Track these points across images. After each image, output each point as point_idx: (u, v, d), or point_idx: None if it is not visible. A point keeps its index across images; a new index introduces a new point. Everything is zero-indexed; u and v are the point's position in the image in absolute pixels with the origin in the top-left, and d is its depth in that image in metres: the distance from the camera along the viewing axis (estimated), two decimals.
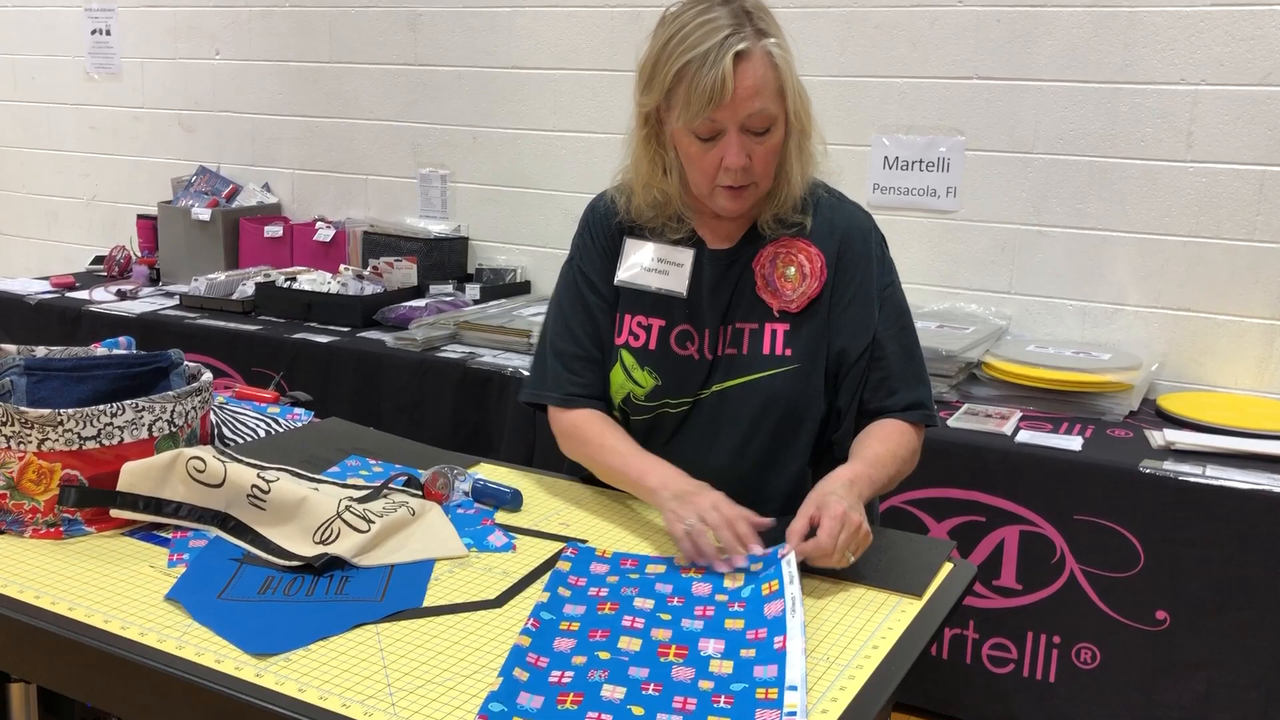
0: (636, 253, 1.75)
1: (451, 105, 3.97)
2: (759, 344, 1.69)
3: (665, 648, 1.25)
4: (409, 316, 3.48)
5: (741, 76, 1.52)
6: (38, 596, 1.37)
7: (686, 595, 1.38)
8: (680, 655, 1.23)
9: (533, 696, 1.16)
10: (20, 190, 5.11)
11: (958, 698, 2.74)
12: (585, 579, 1.44)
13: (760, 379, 1.68)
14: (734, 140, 1.57)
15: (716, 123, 1.56)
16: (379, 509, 1.53)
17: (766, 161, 1.61)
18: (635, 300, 1.75)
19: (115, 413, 1.52)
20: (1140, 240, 3.02)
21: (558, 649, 1.26)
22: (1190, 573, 2.45)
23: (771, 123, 1.58)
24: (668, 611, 1.34)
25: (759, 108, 1.55)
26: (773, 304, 1.69)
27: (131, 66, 4.66)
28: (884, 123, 3.28)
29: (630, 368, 1.74)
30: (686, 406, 1.72)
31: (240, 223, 4.17)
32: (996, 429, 2.66)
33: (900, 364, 1.72)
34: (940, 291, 3.28)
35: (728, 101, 1.53)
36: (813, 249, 1.69)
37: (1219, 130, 2.89)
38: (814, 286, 1.68)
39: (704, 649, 1.25)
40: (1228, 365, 2.98)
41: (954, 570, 1.50)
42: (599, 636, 1.28)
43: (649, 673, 1.20)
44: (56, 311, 3.84)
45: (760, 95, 1.54)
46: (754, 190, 1.64)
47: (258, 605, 1.32)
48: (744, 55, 1.52)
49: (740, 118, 1.56)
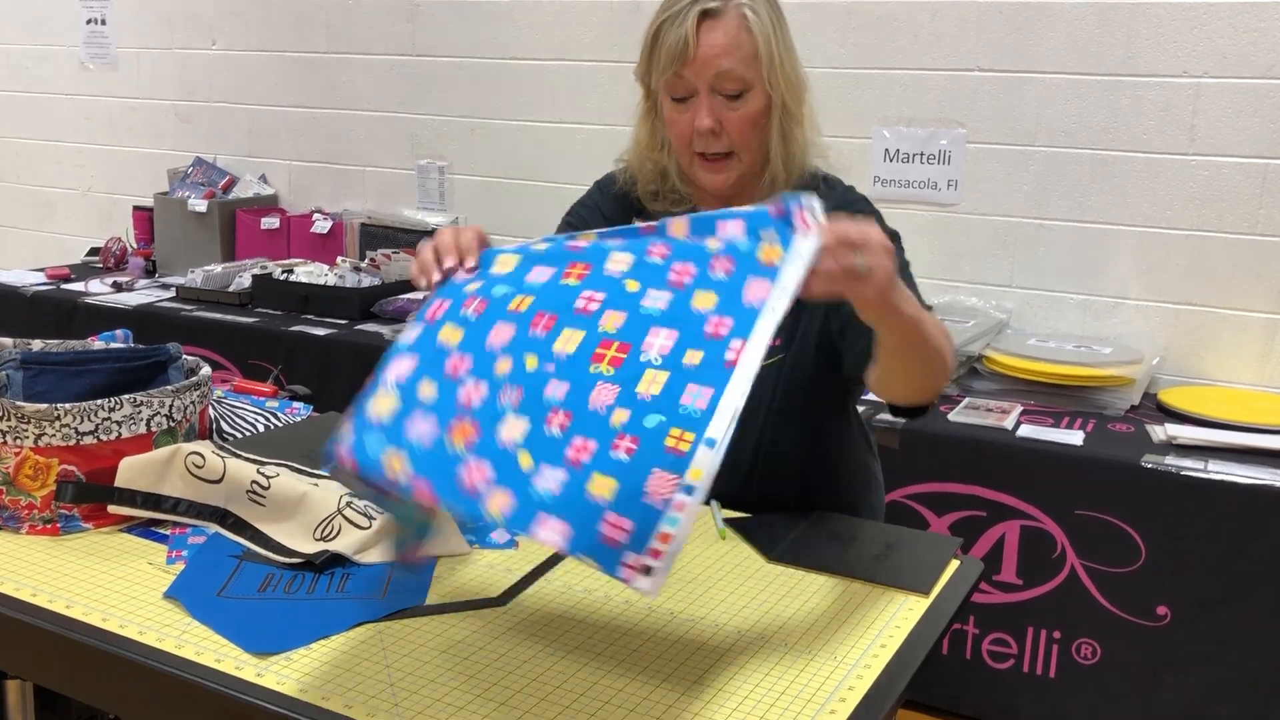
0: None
1: (449, 96, 3.95)
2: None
3: (606, 345, 1.08)
4: (407, 309, 3.47)
5: (706, 33, 1.52)
6: (34, 594, 1.36)
7: (674, 245, 1.17)
8: (615, 362, 1.06)
9: (425, 417, 1.03)
10: (15, 181, 5.08)
11: (958, 693, 2.73)
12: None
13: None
14: (703, 101, 1.56)
15: (686, 81, 1.55)
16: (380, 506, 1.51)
17: (741, 129, 1.58)
18: None
19: (113, 407, 1.50)
20: (1142, 234, 3.01)
21: (489, 344, 1.10)
22: (1192, 568, 2.45)
23: (744, 87, 1.55)
24: (639, 278, 1.14)
25: (726, 68, 1.53)
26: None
27: (127, 57, 4.63)
28: (885, 115, 3.26)
29: None
30: None
31: (237, 214, 4.15)
32: (997, 423, 2.65)
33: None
34: (941, 285, 3.27)
35: (692, 59, 1.52)
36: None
37: (1222, 123, 2.88)
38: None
39: (646, 350, 1.06)
40: (1230, 359, 2.97)
41: (961, 567, 1.49)
42: (539, 329, 1.10)
43: (566, 392, 1.04)
44: (52, 303, 3.82)
45: (728, 56, 1.52)
46: (734, 162, 1.61)
47: (258, 603, 1.31)
48: (713, 14, 1.52)
49: (708, 77, 1.54)
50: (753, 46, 1.53)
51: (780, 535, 1.56)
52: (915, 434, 2.66)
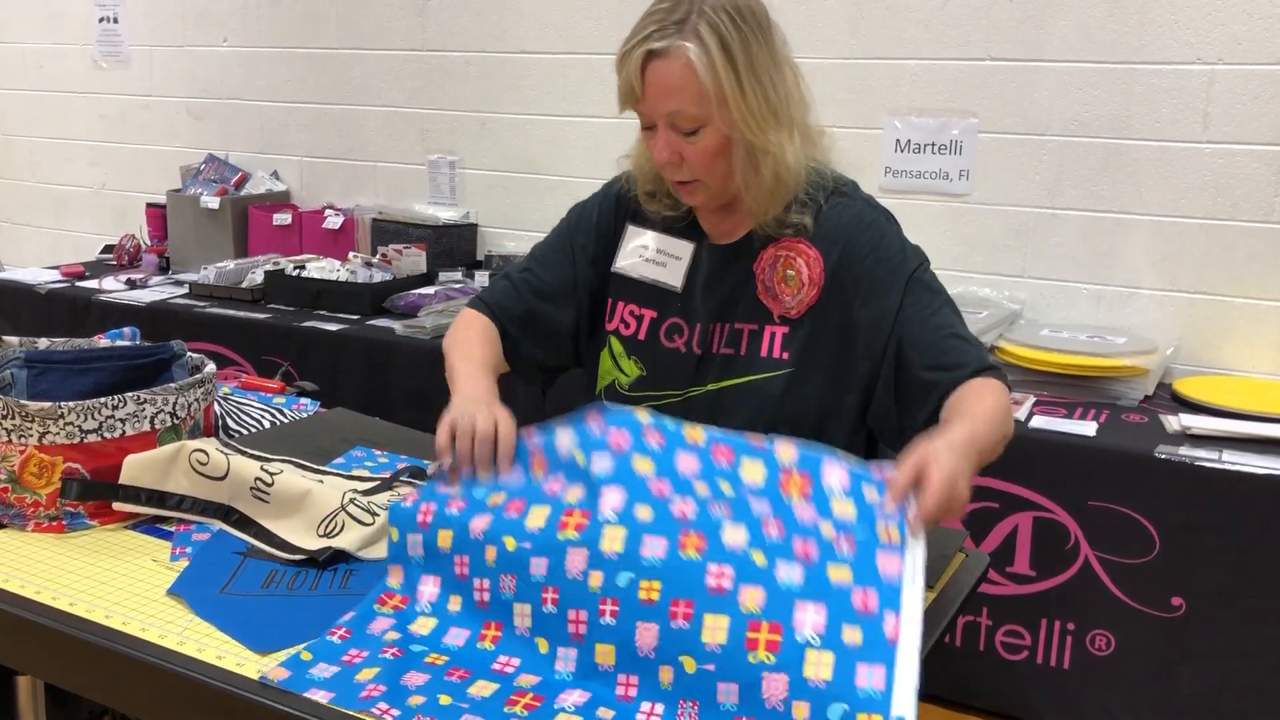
0: (636, 240, 1.73)
1: (460, 91, 3.95)
2: (757, 346, 1.64)
3: (756, 627, 1.09)
4: (418, 304, 3.47)
5: (652, 74, 1.50)
6: (39, 591, 1.36)
7: (788, 521, 1.19)
8: (772, 646, 1.07)
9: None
10: (30, 179, 5.11)
11: (970, 685, 2.72)
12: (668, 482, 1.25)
13: (755, 381, 1.63)
14: (661, 134, 1.55)
15: (644, 114, 1.56)
16: (383, 501, 1.51)
17: (700, 161, 1.55)
18: (630, 289, 1.73)
19: (116, 405, 1.51)
20: (1156, 222, 2.98)
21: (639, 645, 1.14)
22: (1207, 559, 2.43)
23: (698, 124, 1.52)
24: (763, 550, 1.16)
25: (674, 109, 1.51)
26: (773, 309, 1.64)
27: (140, 54, 4.64)
28: (895, 105, 3.24)
29: (618, 355, 1.72)
30: (675, 401, 1.68)
31: (249, 210, 4.16)
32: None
33: (953, 339, 1.58)
34: (953, 275, 3.24)
35: (641, 99, 1.52)
36: (813, 252, 1.61)
37: (1236, 110, 2.85)
38: (813, 294, 1.61)
39: (800, 629, 1.07)
40: (1245, 349, 2.94)
41: (967, 560, 1.48)
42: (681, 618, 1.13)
43: (737, 693, 1.07)
44: (66, 301, 3.83)
45: (675, 97, 1.50)
46: (701, 187, 1.60)
47: (261, 600, 1.31)
48: (658, 54, 1.49)
49: (660, 115, 1.53)
50: (700, 87, 1.49)
51: None
52: None
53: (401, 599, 1.32)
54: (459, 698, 1.15)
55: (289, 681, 1.17)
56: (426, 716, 1.11)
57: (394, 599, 1.32)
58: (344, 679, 1.18)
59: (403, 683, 1.17)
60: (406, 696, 1.15)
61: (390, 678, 1.18)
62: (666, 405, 1.68)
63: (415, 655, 1.23)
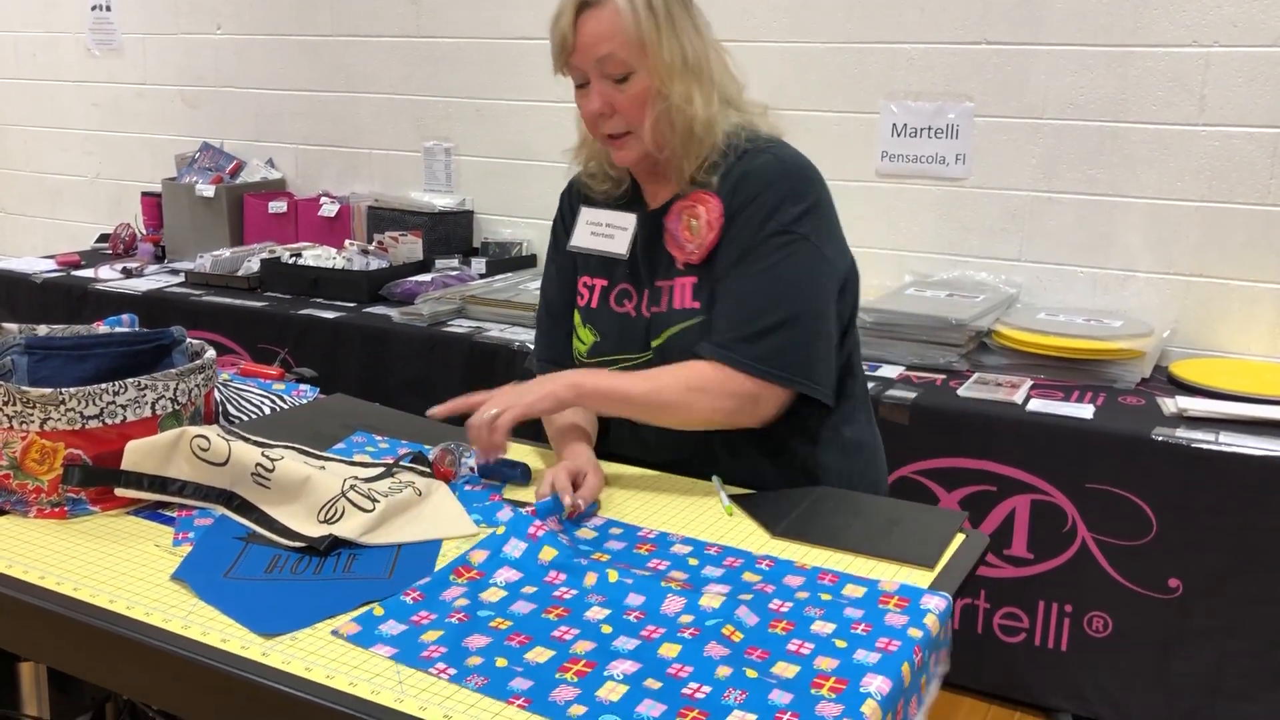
0: (585, 217, 1.83)
1: (454, 77, 3.94)
2: (673, 298, 1.72)
3: (823, 679, 1.14)
4: (415, 291, 3.46)
5: (584, 24, 1.62)
6: (42, 577, 1.36)
7: (877, 624, 1.25)
8: (836, 691, 1.12)
9: (655, 704, 1.09)
10: (24, 169, 5.09)
11: (969, 667, 2.73)
12: (774, 586, 1.35)
13: (675, 333, 1.70)
14: (593, 87, 1.66)
15: (577, 69, 1.65)
16: (384, 488, 1.52)
17: (630, 109, 1.65)
18: (584, 262, 1.83)
19: (117, 391, 1.51)
20: (1152, 205, 2.99)
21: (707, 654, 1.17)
22: (1203, 540, 2.44)
23: (627, 70, 1.63)
24: (846, 639, 1.22)
25: (605, 53, 1.62)
26: (677, 256, 1.71)
27: (132, 42, 4.63)
28: (892, 89, 3.24)
29: (577, 325, 1.83)
30: (627, 365, 1.75)
31: (244, 199, 4.16)
32: (1007, 398, 2.64)
33: (735, 306, 1.64)
34: (950, 260, 3.25)
35: (573, 49, 1.64)
36: (713, 199, 1.67)
37: (1232, 93, 2.85)
38: (711, 237, 1.67)
39: (866, 686, 1.12)
40: (1241, 331, 2.95)
41: (966, 541, 1.48)
42: (756, 655, 1.18)
43: (792, 699, 1.10)
44: (62, 290, 3.83)
45: (605, 42, 1.62)
46: (634, 140, 1.68)
47: (264, 584, 1.31)
48: (590, 4, 1.61)
49: (591, 64, 1.64)
50: (627, 32, 1.61)
51: (785, 511, 1.55)
52: (924, 410, 2.65)
53: (478, 573, 1.35)
54: (514, 661, 1.17)
55: (357, 636, 1.21)
56: (481, 677, 1.14)
57: (470, 572, 1.36)
58: (409, 638, 1.21)
59: (464, 644, 1.20)
60: (465, 657, 1.17)
61: (453, 640, 1.21)
62: (624, 368, 1.74)
63: (480, 620, 1.25)
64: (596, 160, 1.83)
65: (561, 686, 1.13)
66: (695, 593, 1.30)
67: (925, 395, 2.69)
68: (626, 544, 1.47)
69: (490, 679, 1.14)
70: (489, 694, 1.12)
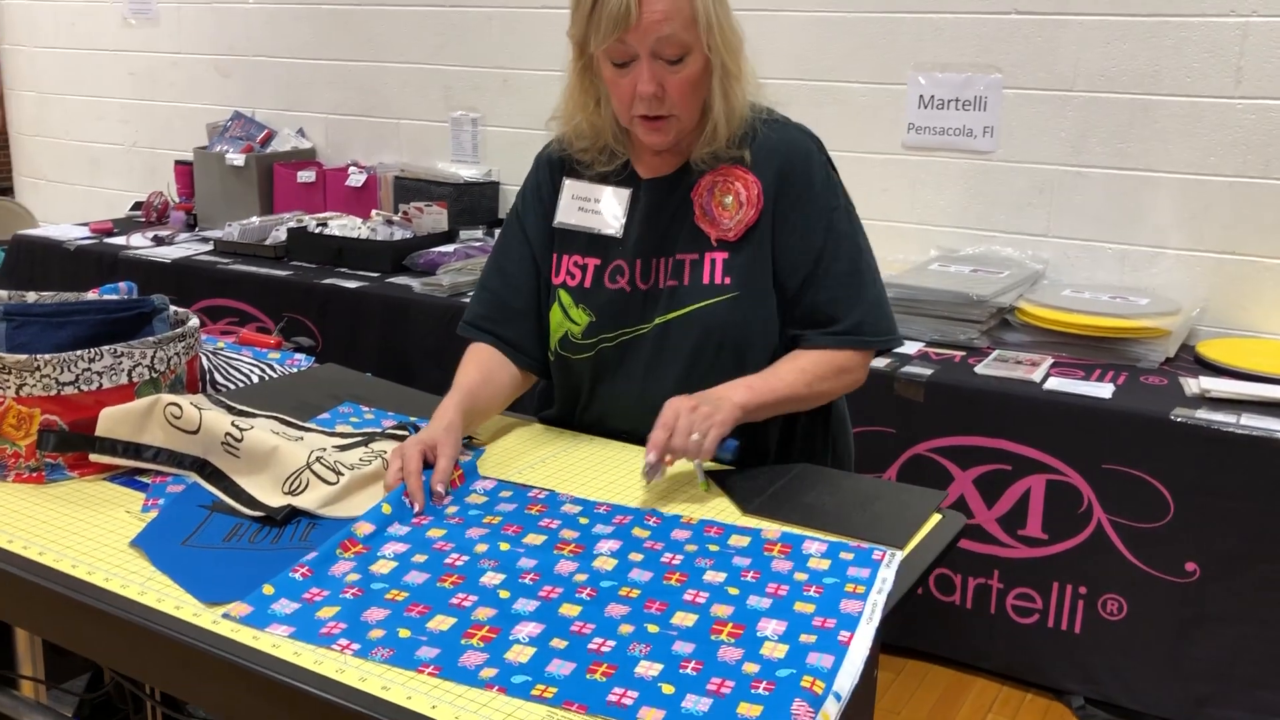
0: (572, 192, 1.76)
1: (482, 47, 3.92)
2: (699, 274, 1.67)
3: (720, 625, 1.19)
4: (438, 262, 3.46)
5: (648, 3, 1.52)
6: (10, 541, 1.37)
7: (764, 570, 1.31)
8: (734, 635, 1.17)
9: (564, 663, 1.11)
10: (65, 137, 5.16)
11: (981, 648, 2.69)
12: (662, 543, 1.39)
13: (699, 309, 1.66)
14: (645, 66, 1.57)
15: (627, 46, 1.56)
16: (351, 460, 1.51)
17: (682, 92, 1.59)
18: (572, 240, 1.76)
19: (93, 358, 1.51)
20: (1183, 181, 2.90)
21: (608, 614, 1.21)
22: (1221, 524, 2.38)
23: (684, 51, 1.57)
24: (738, 585, 1.28)
25: (667, 33, 1.54)
26: (711, 233, 1.67)
27: (168, 11, 4.66)
28: (919, 60, 3.18)
29: (567, 306, 1.75)
30: (627, 338, 1.71)
31: (274, 168, 4.18)
32: (1026, 376, 2.58)
33: (840, 288, 1.67)
34: (976, 234, 3.19)
35: (634, 25, 1.53)
36: (750, 176, 1.66)
37: (1271, 65, 2.76)
38: (751, 214, 1.65)
39: (762, 629, 1.18)
40: (1274, 310, 2.87)
41: (942, 521, 1.45)
42: (655, 609, 1.22)
43: (694, 648, 1.14)
44: (94, 257, 3.87)
45: (669, 21, 1.54)
46: (674, 123, 1.63)
47: (220, 552, 1.31)
48: None
49: (649, 43, 1.55)
50: (691, 11, 1.55)
51: (761, 488, 1.53)
52: (940, 387, 2.60)
53: (364, 548, 1.34)
54: (418, 631, 1.16)
55: (250, 617, 1.19)
56: (386, 649, 1.13)
57: (357, 546, 1.34)
58: (304, 615, 1.19)
59: (363, 619, 1.19)
60: (367, 631, 1.17)
61: (350, 615, 1.20)
62: (618, 343, 1.71)
63: (375, 593, 1.24)
64: (595, 135, 1.73)
65: (469, 652, 1.13)
66: (588, 554, 1.33)
67: (942, 372, 2.64)
68: (517, 505, 1.47)
69: (396, 650, 1.13)
70: (397, 664, 1.11)
